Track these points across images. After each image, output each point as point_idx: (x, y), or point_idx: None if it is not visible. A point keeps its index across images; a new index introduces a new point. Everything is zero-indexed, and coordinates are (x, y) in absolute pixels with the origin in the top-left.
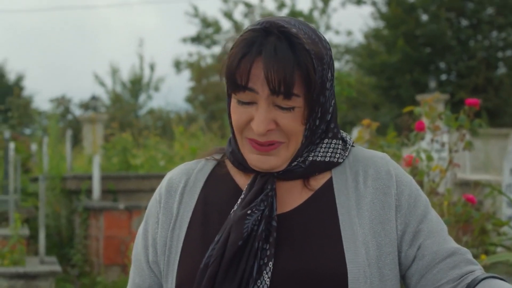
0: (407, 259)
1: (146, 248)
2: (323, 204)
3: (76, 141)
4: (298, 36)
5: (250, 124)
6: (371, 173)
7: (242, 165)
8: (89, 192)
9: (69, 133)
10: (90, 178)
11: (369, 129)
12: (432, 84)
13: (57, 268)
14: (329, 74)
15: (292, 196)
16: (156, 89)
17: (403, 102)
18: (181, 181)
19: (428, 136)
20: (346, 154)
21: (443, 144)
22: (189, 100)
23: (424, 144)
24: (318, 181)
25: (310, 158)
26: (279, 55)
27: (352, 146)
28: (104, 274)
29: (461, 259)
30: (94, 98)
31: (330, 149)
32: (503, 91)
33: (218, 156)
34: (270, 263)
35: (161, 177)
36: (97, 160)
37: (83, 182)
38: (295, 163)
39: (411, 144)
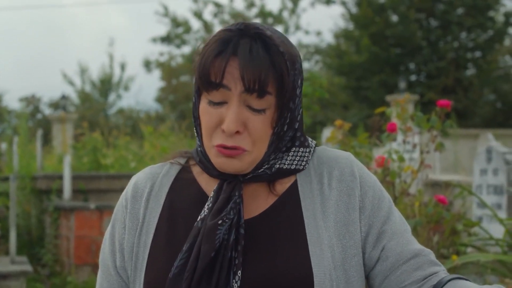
0: (370, 261)
1: (114, 253)
2: (289, 209)
3: (46, 140)
4: (272, 38)
5: (221, 126)
6: (336, 174)
7: (208, 169)
8: (59, 191)
9: (39, 132)
10: (60, 177)
11: (341, 130)
12: (402, 84)
13: (28, 268)
14: (299, 81)
15: (258, 201)
16: (126, 88)
17: (373, 103)
18: (147, 186)
19: (400, 137)
20: (309, 162)
21: (414, 145)
22: (159, 100)
23: (394, 145)
24: (283, 186)
25: (277, 166)
26: (254, 55)
27: (316, 146)
28: (75, 274)
29: (424, 260)
30: (64, 97)
31: (297, 157)
32: (472, 92)
33: (182, 161)
34: (239, 272)
35: (131, 177)
36: (67, 160)
37: (53, 182)
38: (262, 170)
39: (383, 145)
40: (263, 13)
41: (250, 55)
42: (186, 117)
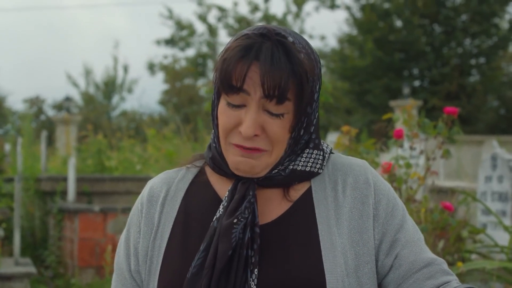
0: (383, 268)
1: (128, 256)
2: (303, 215)
3: (49, 142)
4: (294, 44)
5: (238, 128)
6: (350, 182)
7: (223, 171)
8: (63, 193)
9: (44, 134)
10: (65, 179)
11: (348, 135)
12: (406, 90)
13: (32, 269)
14: (317, 86)
15: (272, 207)
16: (129, 90)
17: (376, 108)
18: (162, 191)
19: (406, 143)
20: (324, 166)
21: (421, 152)
22: (163, 102)
23: (399, 151)
24: (297, 192)
25: (291, 167)
26: (275, 61)
27: (331, 153)
28: (79, 276)
29: (437, 270)
30: (68, 99)
31: (311, 159)
32: (476, 98)
33: (199, 164)
34: (256, 269)
35: (135, 179)
36: (72, 162)
37: (58, 184)
38: (276, 170)
39: (388, 151)
40: (267, 17)
41: (272, 61)
42: (190, 120)
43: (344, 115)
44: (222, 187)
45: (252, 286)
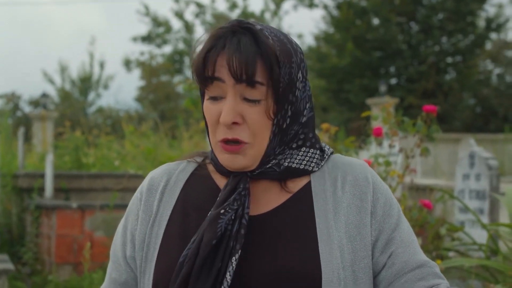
0: (377, 266)
1: (124, 244)
2: (301, 207)
3: (26, 138)
4: (262, 31)
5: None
6: (349, 179)
7: (218, 166)
8: (41, 190)
9: (21, 130)
10: (42, 176)
11: (328, 133)
12: (383, 88)
13: (10, 266)
14: (300, 75)
15: (270, 197)
16: (106, 87)
17: (353, 106)
18: (162, 180)
19: (385, 141)
20: (322, 164)
21: (400, 150)
22: (139, 99)
23: (376, 149)
24: (296, 184)
25: (286, 164)
26: (241, 46)
27: (332, 154)
28: (56, 272)
29: (429, 272)
30: (44, 95)
31: (307, 157)
32: (452, 96)
33: (199, 159)
34: (234, 259)
35: (113, 176)
36: (50, 158)
37: (35, 180)
38: (269, 165)
39: (367, 148)
40: (245, 14)
41: (237, 46)
42: (167, 117)
43: (321, 113)
44: (222, 181)
45: (227, 276)
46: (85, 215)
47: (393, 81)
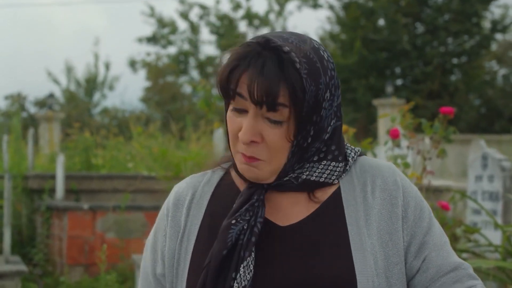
0: (411, 270)
1: (155, 261)
2: (332, 215)
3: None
4: (289, 54)
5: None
6: (379, 183)
7: (240, 174)
8: (51, 191)
9: (31, 131)
10: (53, 177)
11: (345, 135)
12: (389, 89)
13: (23, 267)
14: (327, 94)
15: (299, 209)
16: (111, 88)
17: (359, 106)
18: (188, 194)
19: (403, 142)
20: (343, 176)
21: (418, 151)
22: (144, 99)
23: (387, 151)
24: (325, 192)
25: (304, 177)
26: (265, 70)
27: (360, 155)
28: (67, 274)
29: (463, 274)
30: (51, 96)
31: (327, 171)
32: (458, 97)
33: (226, 165)
34: (241, 268)
35: (123, 177)
36: (61, 159)
37: (45, 181)
38: (287, 178)
39: (372, 150)
40: (249, 15)
41: (261, 70)
42: (174, 117)
43: None
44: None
45: (234, 285)
46: (96, 216)
47: (399, 81)
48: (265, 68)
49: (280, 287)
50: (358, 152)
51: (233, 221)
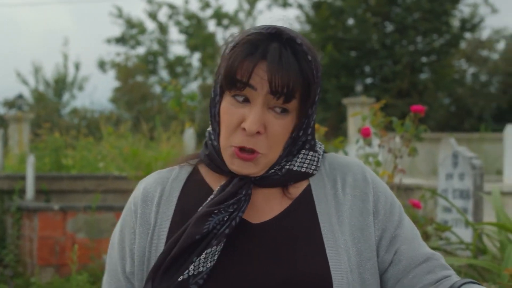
0: (383, 264)
1: (123, 258)
2: (304, 212)
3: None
4: (302, 46)
5: (241, 125)
6: (349, 180)
7: (219, 168)
8: (21, 192)
9: (0, 132)
10: (23, 178)
11: (317, 134)
12: (359, 88)
13: None
14: (319, 90)
15: (271, 205)
16: (80, 88)
17: (328, 106)
18: (157, 191)
19: (374, 141)
20: (319, 165)
21: (389, 150)
22: (114, 100)
23: (358, 149)
24: (296, 189)
25: (287, 167)
26: (283, 61)
27: (324, 153)
28: (38, 275)
29: (436, 264)
30: (20, 96)
31: (307, 160)
32: (427, 96)
33: (193, 162)
34: (196, 258)
35: (93, 177)
36: (31, 160)
37: (15, 182)
38: (273, 170)
39: (343, 149)
40: (218, 14)
41: (280, 60)
42: (144, 117)
43: None
44: (217, 184)
45: (190, 268)
46: (67, 217)
47: (368, 80)
48: (282, 59)
49: (256, 285)
50: (323, 147)
51: (215, 211)
